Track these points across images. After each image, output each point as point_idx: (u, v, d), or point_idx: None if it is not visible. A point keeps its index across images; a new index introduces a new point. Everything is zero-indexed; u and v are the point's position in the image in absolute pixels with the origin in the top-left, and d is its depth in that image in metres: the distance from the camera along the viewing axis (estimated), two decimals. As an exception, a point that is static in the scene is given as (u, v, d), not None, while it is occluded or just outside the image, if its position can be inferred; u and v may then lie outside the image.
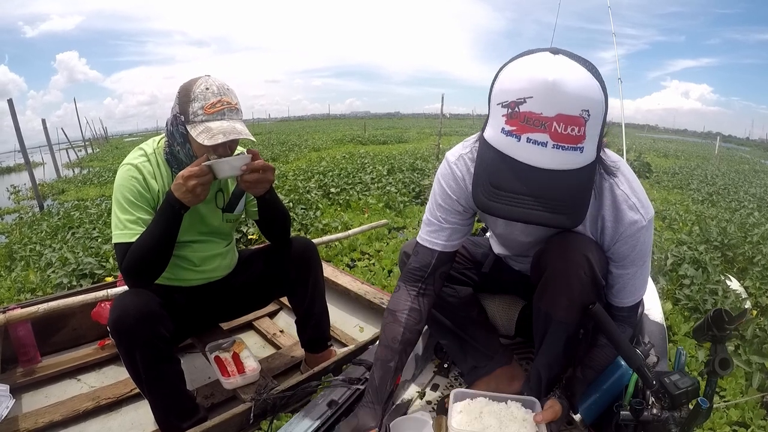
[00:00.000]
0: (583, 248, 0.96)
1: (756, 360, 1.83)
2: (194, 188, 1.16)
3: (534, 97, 0.69)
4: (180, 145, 1.27)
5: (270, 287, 1.61)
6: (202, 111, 1.19)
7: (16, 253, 3.47)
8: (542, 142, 0.70)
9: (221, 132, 1.18)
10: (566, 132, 0.69)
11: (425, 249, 1.09)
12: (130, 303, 1.19)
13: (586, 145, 0.72)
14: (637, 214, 0.93)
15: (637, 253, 0.97)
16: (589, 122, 0.70)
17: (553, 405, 1.01)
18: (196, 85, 1.21)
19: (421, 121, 54.24)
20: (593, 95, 0.70)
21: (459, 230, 1.08)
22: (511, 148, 0.73)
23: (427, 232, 1.09)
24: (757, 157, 25.54)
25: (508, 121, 0.72)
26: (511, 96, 0.71)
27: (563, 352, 1.06)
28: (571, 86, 0.68)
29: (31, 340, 1.73)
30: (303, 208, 4.57)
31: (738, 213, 5.58)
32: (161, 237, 1.22)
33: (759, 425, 1.52)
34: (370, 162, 8.32)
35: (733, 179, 10.19)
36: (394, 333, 1.07)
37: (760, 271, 2.93)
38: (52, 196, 7.66)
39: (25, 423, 1.42)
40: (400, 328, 1.07)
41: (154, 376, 1.23)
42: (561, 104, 0.68)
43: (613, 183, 0.94)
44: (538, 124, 0.69)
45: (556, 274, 0.99)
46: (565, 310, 0.99)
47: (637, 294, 1.04)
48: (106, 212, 4.74)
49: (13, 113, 6.12)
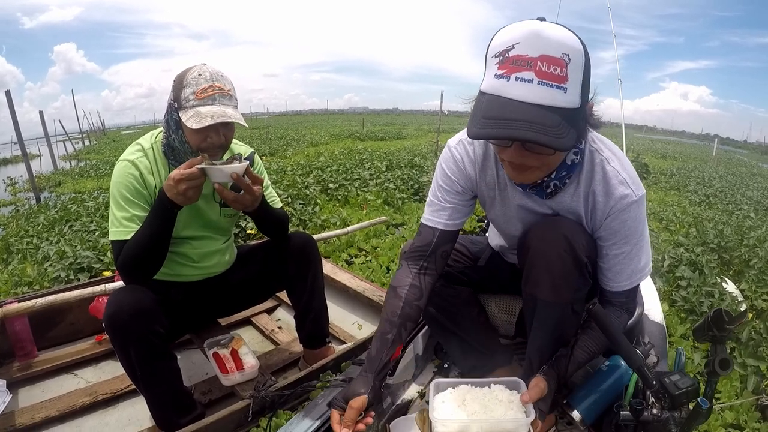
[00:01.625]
0: (562, 228, 0.99)
1: (751, 363, 1.84)
2: (185, 191, 1.15)
3: (521, 42, 0.78)
4: (174, 132, 1.26)
5: (269, 282, 1.60)
6: (193, 96, 1.20)
7: (13, 246, 3.45)
8: (528, 79, 0.77)
9: (209, 115, 1.18)
10: (549, 71, 0.77)
11: (427, 228, 1.13)
12: (124, 299, 1.18)
13: (569, 86, 0.78)
14: (627, 189, 0.95)
15: (629, 230, 0.98)
16: (570, 66, 0.78)
17: (538, 383, 0.99)
18: (190, 72, 1.22)
19: (419, 118, 54.18)
20: (572, 44, 0.79)
21: (459, 210, 1.12)
22: (502, 89, 0.79)
23: (429, 212, 1.14)
24: (755, 160, 25.67)
25: (499, 66, 0.80)
26: (503, 46, 0.80)
27: (552, 335, 1.05)
28: (552, 33, 0.78)
29: (28, 335, 1.72)
30: (301, 204, 4.56)
31: (735, 215, 5.61)
32: (155, 235, 1.21)
33: (753, 428, 1.53)
34: (369, 158, 8.31)
35: (730, 182, 10.23)
36: (393, 307, 1.09)
37: (756, 274, 2.94)
38: (48, 188, 7.61)
39: (21, 418, 1.42)
40: (400, 302, 1.09)
41: (149, 372, 1.23)
42: (544, 46, 0.77)
43: (604, 159, 0.97)
44: (524, 63, 0.77)
45: (536, 254, 1.01)
46: (549, 290, 1.00)
47: (633, 277, 1.03)
48: (104, 205, 4.71)
49: (10, 105, 6.08)
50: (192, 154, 1.27)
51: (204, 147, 1.25)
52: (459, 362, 1.37)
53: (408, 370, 1.46)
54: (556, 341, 1.06)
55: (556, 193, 1.01)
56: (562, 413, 1.13)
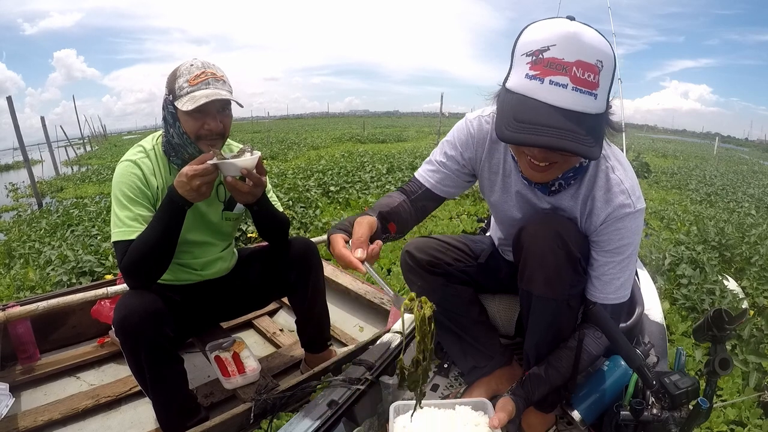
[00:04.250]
0: (555, 224, 1.00)
1: (753, 360, 1.83)
2: (199, 187, 1.14)
3: (557, 44, 0.77)
4: (171, 126, 1.26)
5: (270, 288, 1.59)
6: (186, 84, 1.21)
7: (15, 250, 3.46)
8: (563, 84, 0.77)
9: (204, 96, 1.19)
10: (584, 77, 0.77)
11: (417, 181, 1.17)
12: (134, 302, 1.18)
13: (599, 93, 0.79)
14: (627, 199, 0.96)
15: (623, 240, 0.97)
16: (602, 72, 0.78)
17: (506, 405, 0.98)
18: (182, 65, 1.25)
19: (420, 120, 54.23)
20: (606, 49, 0.79)
21: (451, 179, 1.14)
22: (535, 90, 0.79)
23: (425, 169, 1.17)
24: (756, 157, 25.60)
25: (532, 66, 0.79)
26: (536, 45, 0.79)
27: (548, 331, 1.05)
28: (589, 38, 0.78)
29: (31, 338, 1.73)
30: (302, 207, 4.57)
31: (736, 213, 5.60)
32: (164, 234, 1.19)
33: (755, 424, 1.53)
34: (370, 161, 8.32)
35: (731, 180, 10.22)
36: (387, 201, 1.11)
37: (758, 271, 2.94)
38: (50, 193, 7.63)
39: (24, 421, 1.42)
40: (395, 201, 1.11)
41: (159, 375, 1.23)
42: (581, 52, 0.77)
43: (610, 167, 0.98)
44: (560, 68, 0.77)
45: (530, 251, 1.01)
46: (543, 285, 1.00)
47: (621, 291, 1.02)
48: (105, 210, 4.73)
49: (12, 111, 6.10)
50: (191, 145, 1.26)
51: (203, 134, 1.24)
52: (459, 362, 1.37)
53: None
54: (553, 337, 1.06)
55: (558, 191, 1.02)
56: (562, 413, 1.13)
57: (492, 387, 1.30)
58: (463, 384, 1.42)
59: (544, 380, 1.04)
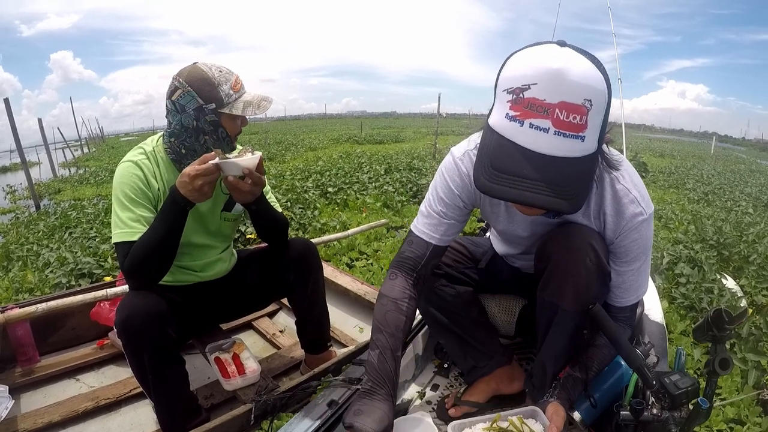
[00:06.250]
0: (588, 236, 0.96)
1: (752, 358, 1.84)
2: (201, 187, 1.13)
3: (538, 83, 0.70)
4: (210, 133, 1.26)
5: (269, 290, 1.59)
6: (232, 90, 1.25)
7: (13, 253, 3.45)
8: (544, 128, 0.71)
9: (257, 98, 1.28)
10: (568, 120, 0.70)
11: (421, 240, 1.09)
12: (136, 303, 1.17)
13: (587, 134, 0.73)
14: (638, 207, 0.93)
15: (640, 248, 0.97)
16: (591, 112, 0.71)
17: (558, 410, 0.98)
18: (209, 72, 1.23)
19: (417, 121, 54.27)
20: (596, 86, 0.72)
21: (455, 226, 1.09)
22: (513, 133, 0.73)
23: (424, 224, 1.09)
24: (753, 156, 25.71)
25: (512, 106, 0.73)
26: (516, 82, 0.72)
27: (569, 344, 1.05)
28: (574, 75, 0.70)
29: (30, 340, 1.72)
30: (301, 208, 4.57)
31: (733, 212, 5.62)
32: (166, 235, 1.19)
33: (755, 422, 1.54)
34: (367, 161, 8.33)
35: (728, 179, 10.25)
36: (397, 322, 1.04)
37: (756, 269, 2.95)
38: (48, 195, 7.62)
39: (24, 423, 1.42)
40: (403, 317, 1.05)
41: (161, 377, 1.22)
42: (564, 92, 0.70)
43: (614, 178, 0.95)
44: (541, 110, 0.70)
45: (560, 263, 0.98)
46: (572, 299, 0.97)
47: (639, 291, 1.04)
48: (104, 212, 4.72)
49: (9, 112, 6.08)
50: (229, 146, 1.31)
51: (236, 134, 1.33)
52: (459, 362, 1.37)
53: (408, 370, 1.46)
54: (572, 349, 1.07)
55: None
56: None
57: (492, 387, 1.30)
58: (463, 384, 1.42)
59: (581, 380, 1.04)
